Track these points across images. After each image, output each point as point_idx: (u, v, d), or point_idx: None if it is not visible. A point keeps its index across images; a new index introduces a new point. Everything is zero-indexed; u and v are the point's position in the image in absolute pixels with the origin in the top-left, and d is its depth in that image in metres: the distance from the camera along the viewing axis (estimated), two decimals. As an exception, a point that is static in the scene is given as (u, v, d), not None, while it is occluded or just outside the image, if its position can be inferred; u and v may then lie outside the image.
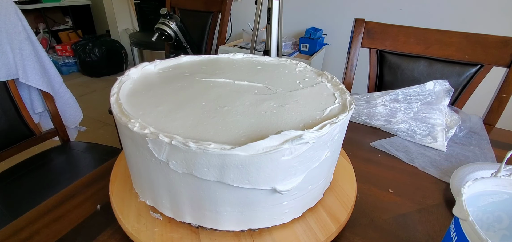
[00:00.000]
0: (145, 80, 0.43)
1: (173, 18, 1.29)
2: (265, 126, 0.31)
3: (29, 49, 0.80)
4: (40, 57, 0.84)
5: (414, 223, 0.39)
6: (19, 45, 0.77)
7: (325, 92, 0.41)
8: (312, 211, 0.37)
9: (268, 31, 0.96)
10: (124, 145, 0.35)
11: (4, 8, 0.74)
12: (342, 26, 1.77)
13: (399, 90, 0.65)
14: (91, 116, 2.10)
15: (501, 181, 0.27)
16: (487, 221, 0.27)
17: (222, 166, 0.27)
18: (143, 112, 0.33)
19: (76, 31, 3.12)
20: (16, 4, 0.78)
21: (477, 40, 0.76)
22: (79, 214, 0.39)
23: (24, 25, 0.79)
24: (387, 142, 0.58)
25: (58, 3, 2.84)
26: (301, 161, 0.29)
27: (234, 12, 1.98)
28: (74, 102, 0.99)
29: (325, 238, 0.33)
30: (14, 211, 0.68)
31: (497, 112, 0.73)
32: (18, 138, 0.83)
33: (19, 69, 0.78)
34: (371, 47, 0.89)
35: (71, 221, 0.37)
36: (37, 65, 0.82)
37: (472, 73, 0.79)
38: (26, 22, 0.80)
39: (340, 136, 0.35)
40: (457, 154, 0.54)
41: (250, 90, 0.40)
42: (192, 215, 0.33)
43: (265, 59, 0.54)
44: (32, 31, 0.82)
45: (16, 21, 0.77)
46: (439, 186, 0.46)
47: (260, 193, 0.30)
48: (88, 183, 0.44)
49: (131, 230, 0.33)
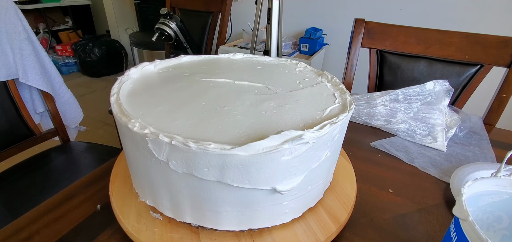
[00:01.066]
0: (145, 80, 0.43)
1: (173, 18, 1.29)
2: (265, 126, 0.31)
3: (29, 49, 0.80)
4: (40, 57, 0.84)
5: (414, 223, 0.39)
6: (19, 45, 0.77)
7: (325, 92, 0.41)
8: (312, 211, 0.37)
9: (268, 31, 0.96)
10: (124, 145, 0.35)
11: (4, 8, 0.74)
12: (342, 26, 1.77)
13: (399, 90, 0.65)
14: (91, 116, 2.10)
15: (501, 181, 0.27)
16: (487, 221, 0.27)
17: (222, 166, 0.27)
18: (143, 112, 0.33)
19: (76, 31, 3.12)
20: (16, 4, 0.78)
21: (477, 40, 0.76)
22: (79, 214, 0.39)
23: (24, 25, 0.79)
24: (387, 142, 0.58)
25: (58, 3, 2.83)
26: (301, 161, 0.29)
27: (234, 12, 1.98)
28: (74, 102, 0.99)
29: (325, 238, 0.33)
30: (14, 211, 0.68)
31: (497, 112, 0.73)
32: (18, 138, 0.83)
33: (19, 69, 0.78)
34: (371, 47, 0.89)
35: (71, 221, 0.37)
36: (37, 65, 0.82)
37: (472, 73, 0.79)
38: (26, 22, 0.80)
39: (340, 136, 0.35)
40: (457, 154, 0.54)
41: (250, 90, 0.40)
42: (192, 215, 0.33)
43: (265, 59, 0.54)
44: (32, 31, 0.82)
45: (16, 21, 0.77)
46: (439, 186, 0.46)
47: (260, 193, 0.30)
48: (88, 183, 0.44)
49: (131, 230, 0.33)
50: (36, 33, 2.92)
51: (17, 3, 2.47)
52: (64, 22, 3.13)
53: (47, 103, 0.88)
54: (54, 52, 2.93)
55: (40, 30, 2.96)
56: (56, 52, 2.92)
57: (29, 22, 0.81)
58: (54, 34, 3.03)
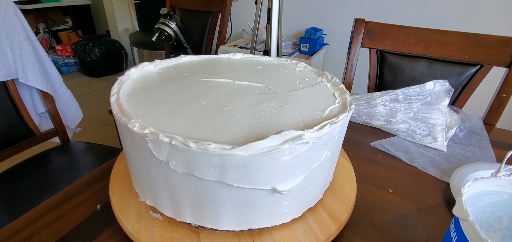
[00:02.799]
0: (145, 80, 0.43)
1: (173, 18, 1.29)
2: (265, 126, 0.31)
3: (28, 49, 0.80)
4: (40, 57, 0.84)
5: (414, 223, 0.39)
6: (18, 45, 0.77)
7: (325, 92, 0.41)
8: (312, 211, 0.37)
9: (268, 31, 0.96)
10: (124, 145, 0.35)
11: (4, 8, 0.74)
12: (342, 26, 1.77)
13: (399, 90, 0.65)
14: (91, 116, 2.10)
15: (501, 181, 0.27)
16: (487, 221, 0.27)
17: (222, 166, 0.27)
18: (143, 112, 0.33)
19: (76, 31, 3.12)
20: (16, 4, 0.78)
21: (477, 40, 0.76)
22: (79, 214, 0.39)
23: (23, 25, 0.79)
24: (387, 142, 0.58)
25: (58, 3, 2.83)
26: (301, 161, 0.29)
27: (234, 12, 1.98)
28: (74, 102, 0.99)
29: (325, 238, 0.33)
30: (14, 211, 0.68)
31: (497, 112, 0.73)
32: (18, 138, 0.83)
33: (19, 70, 0.78)
34: (371, 47, 0.89)
35: (71, 221, 0.37)
36: (37, 66, 0.82)
37: (472, 73, 0.79)
38: (26, 22, 0.80)
39: (340, 136, 0.35)
40: (457, 154, 0.54)
41: (250, 90, 0.40)
42: (192, 215, 0.33)
43: (265, 59, 0.54)
44: (32, 31, 0.82)
45: (15, 21, 0.77)
46: (439, 186, 0.46)
47: (260, 193, 0.30)
48: (88, 183, 0.44)
49: (131, 230, 0.33)
50: (36, 33, 2.92)
51: (17, 3, 2.47)
52: (64, 22, 3.13)
53: (47, 104, 0.88)
54: (54, 52, 2.93)
55: (40, 30, 2.96)
56: (56, 52, 2.91)
57: (29, 22, 0.81)
58: (54, 34, 3.03)
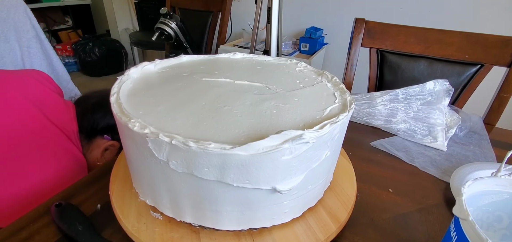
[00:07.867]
0: (145, 80, 0.43)
1: (173, 17, 1.30)
2: (265, 125, 0.31)
3: (37, 47, 0.80)
4: (49, 55, 0.85)
5: (414, 223, 0.39)
6: (27, 43, 0.78)
7: (325, 92, 0.41)
8: (312, 210, 0.37)
9: (268, 30, 0.96)
10: (124, 144, 0.35)
11: (14, 6, 0.74)
12: (342, 26, 1.77)
13: (399, 90, 0.65)
14: (91, 116, 2.10)
15: (501, 181, 0.27)
16: (487, 221, 0.27)
17: (222, 166, 0.27)
18: (143, 112, 0.33)
19: (76, 31, 3.12)
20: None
21: (477, 40, 0.76)
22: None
23: (32, 23, 0.79)
24: (387, 141, 0.58)
25: (58, 2, 2.83)
26: (301, 161, 0.29)
27: (234, 12, 1.98)
28: None
29: (325, 238, 0.33)
30: (14, 211, 0.68)
31: (497, 112, 0.73)
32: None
33: (27, 66, 0.78)
34: (371, 47, 0.89)
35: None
36: (45, 63, 0.82)
37: (472, 73, 0.79)
38: (35, 20, 0.80)
39: (340, 136, 0.35)
40: (457, 153, 0.54)
41: (250, 90, 0.40)
42: (192, 214, 0.33)
43: (265, 59, 0.54)
44: (41, 29, 0.82)
45: (24, 19, 0.77)
46: (439, 186, 0.46)
47: (260, 193, 0.30)
48: (88, 183, 0.44)
49: (131, 230, 0.33)
50: (36, 33, 2.91)
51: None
52: (64, 21, 3.12)
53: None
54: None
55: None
56: (56, 52, 2.91)
57: (29, 21, 0.81)
58: (54, 33, 3.03)
